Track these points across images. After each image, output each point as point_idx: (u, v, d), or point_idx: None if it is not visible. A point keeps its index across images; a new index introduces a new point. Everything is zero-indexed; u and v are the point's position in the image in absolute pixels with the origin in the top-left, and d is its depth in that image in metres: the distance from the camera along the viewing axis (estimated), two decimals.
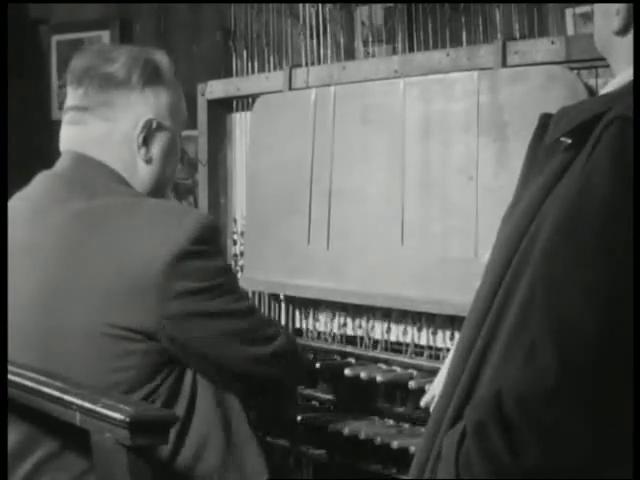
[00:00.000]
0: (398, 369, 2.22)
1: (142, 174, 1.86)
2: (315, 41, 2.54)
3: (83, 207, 1.75)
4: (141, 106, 1.84)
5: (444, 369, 1.72)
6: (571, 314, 1.15)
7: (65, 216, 1.75)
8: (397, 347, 2.29)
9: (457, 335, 2.08)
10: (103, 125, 1.84)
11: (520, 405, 1.15)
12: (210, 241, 1.76)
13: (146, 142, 1.85)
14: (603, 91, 1.41)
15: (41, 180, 1.87)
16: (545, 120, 1.41)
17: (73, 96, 1.87)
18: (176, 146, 1.92)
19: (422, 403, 1.84)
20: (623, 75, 1.36)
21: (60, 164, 1.86)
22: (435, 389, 1.75)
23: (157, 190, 1.89)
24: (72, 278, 1.70)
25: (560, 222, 1.21)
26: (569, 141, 1.32)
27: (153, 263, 1.68)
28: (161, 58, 1.91)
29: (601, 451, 1.14)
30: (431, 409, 1.73)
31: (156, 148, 1.87)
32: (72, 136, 1.87)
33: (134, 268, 1.68)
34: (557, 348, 1.14)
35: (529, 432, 1.14)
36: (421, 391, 2.02)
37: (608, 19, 1.37)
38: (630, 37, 1.35)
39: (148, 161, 1.86)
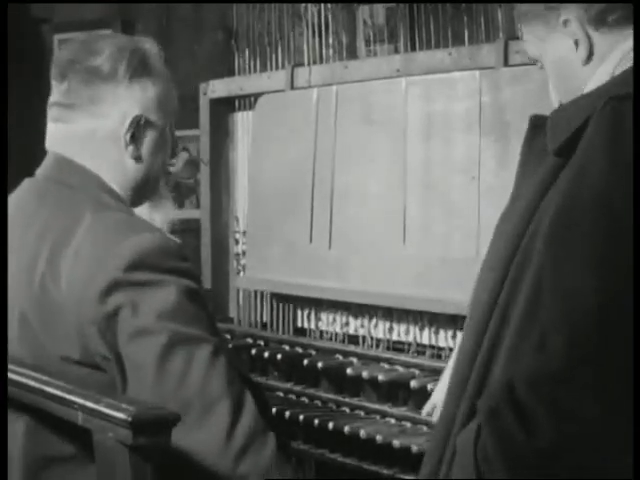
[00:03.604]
0: (400, 368, 2.22)
1: (131, 172, 1.78)
2: (317, 40, 2.54)
3: (49, 224, 1.67)
4: (128, 101, 1.76)
5: (445, 377, 1.71)
6: (578, 293, 1.16)
7: (30, 236, 1.67)
8: (399, 346, 2.29)
9: (459, 334, 2.08)
10: (88, 122, 1.76)
11: (532, 387, 1.16)
12: (156, 267, 1.57)
13: (134, 139, 1.77)
14: (587, 89, 1.40)
15: (19, 193, 1.80)
16: (536, 121, 1.42)
17: (57, 91, 1.79)
18: (166, 139, 1.83)
19: (424, 413, 1.83)
20: (600, 73, 1.36)
21: (41, 169, 1.80)
22: (436, 399, 1.74)
23: (148, 186, 1.82)
24: (35, 309, 1.63)
25: (560, 208, 1.22)
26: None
27: (87, 295, 1.55)
28: (149, 47, 1.81)
29: (611, 431, 1.14)
30: (433, 418, 1.73)
31: (145, 145, 1.79)
32: (56, 134, 1.79)
33: (73, 299, 1.57)
34: (567, 328, 1.16)
35: (542, 413, 1.15)
36: (423, 390, 2.03)
37: (569, 54, 1.38)
38: (593, 63, 1.37)
39: (137, 159, 1.78)
